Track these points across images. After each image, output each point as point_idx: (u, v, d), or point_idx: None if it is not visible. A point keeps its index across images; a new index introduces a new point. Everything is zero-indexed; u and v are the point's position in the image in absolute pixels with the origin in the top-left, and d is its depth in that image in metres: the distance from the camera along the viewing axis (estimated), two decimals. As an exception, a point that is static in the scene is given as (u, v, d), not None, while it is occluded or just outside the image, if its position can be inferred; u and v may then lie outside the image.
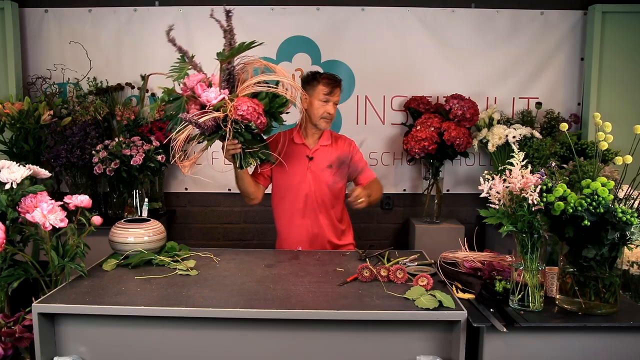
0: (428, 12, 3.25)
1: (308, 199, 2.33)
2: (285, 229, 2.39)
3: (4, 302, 1.60)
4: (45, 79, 3.25)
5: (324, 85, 2.27)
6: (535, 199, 1.43)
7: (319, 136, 2.39)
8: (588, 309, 1.47)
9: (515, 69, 3.29)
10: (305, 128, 2.38)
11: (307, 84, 2.33)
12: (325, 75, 2.32)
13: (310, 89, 2.30)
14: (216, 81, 1.97)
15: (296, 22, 3.25)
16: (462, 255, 1.93)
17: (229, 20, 1.96)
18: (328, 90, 2.27)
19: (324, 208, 2.36)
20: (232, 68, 1.98)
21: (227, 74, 1.97)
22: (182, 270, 1.79)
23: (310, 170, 2.34)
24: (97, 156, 2.88)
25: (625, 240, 1.44)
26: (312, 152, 2.36)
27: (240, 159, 2.05)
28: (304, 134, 2.39)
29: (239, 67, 2.03)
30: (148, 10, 3.25)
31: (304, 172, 2.34)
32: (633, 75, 3.21)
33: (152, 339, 1.51)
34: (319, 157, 2.36)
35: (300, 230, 2.35)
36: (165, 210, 3.30)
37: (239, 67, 2.02)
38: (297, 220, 2.35)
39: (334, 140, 2.42)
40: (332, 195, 2.37)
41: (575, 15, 3.25)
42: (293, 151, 2.35)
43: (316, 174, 2.34)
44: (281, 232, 2.42)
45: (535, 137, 2.98)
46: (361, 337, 1.48)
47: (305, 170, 2.34)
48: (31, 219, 1.55)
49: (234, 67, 1.99)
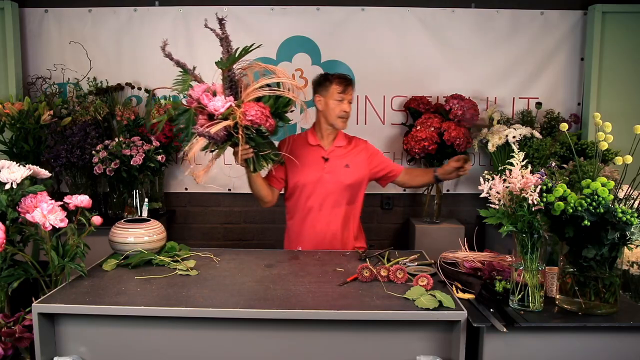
0: (428, 12, 3.25)
1: (323, 200, 2.34)
2: (298, 229, 2.39)
3: (4, 302, 1.60)
4: (45, 79, 3.25)
5: (337, 84, 2.31)
6: (535, 199, 1.43)
7: (334, 137, 2.40)
8: (588, 309, 1.47)
9: (515, 69, 3.29)
10: (321, 130, 2.40)
11: (319, 85, 2.36)
12: (337, 74, 2.36)
13: (324, 90, 2.33)
14: (220, 89, 1.98)
15: (296, 22, 3.25)
16: (462, 255, 1.93)
17: (223, 27, 1.98)
18: (341, 88, 2.31)
19: (339, 210, 2.35)
20: (233, 74, 1.99)
21: (228, 81, 1.98)
22: (182, 270, 1.79)
23: (326, 171, 2.34)
24: (97, 156, 2.88)
25: (625, 240, 1.44)
26: (328, 153, 2.38)
27: (253, 162, 2.07)
28: (319, 136, 2.40)
29: (239, 72, 2.03)
30: (148, 10, 3.25)
31: (320, 173, 2.34)
32: (633, 75, 3.21)
33: (152, 339, 1.51)
34: (334, 158, 2.37)
35: (314, 232, 2.34)
36: (165, 210, 3.30)
37: (238, 72, 2.03)
38: (311, 221, 2.35)
39: (349, 141, 2.44)
40: (348, 197, 2.36)
41: (575, 15, 3.25)
42: (308, 153, 2.36)
43: (332, 175, 2.34)
44: (293, 232, 2.41)
45: (535, 137, 2.98)
46: (361, 337, 1.48)
47: (321, 171, 2.34)
48: (31, 219, 1.55)
49: (235, 73, 1.99)
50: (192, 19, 3.24)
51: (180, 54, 3.22)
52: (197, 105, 1.97)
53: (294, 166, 2.31)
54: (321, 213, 2.35)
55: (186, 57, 3.23)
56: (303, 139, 2.42)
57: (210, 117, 1.93)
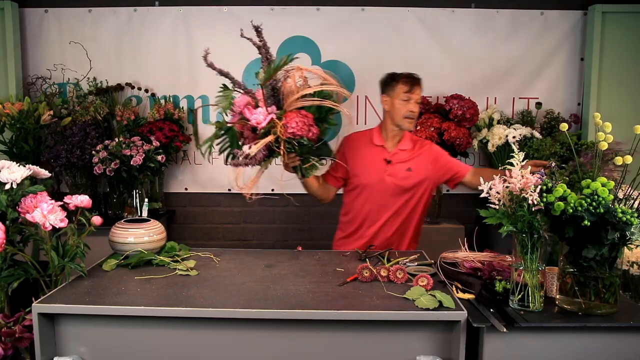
0: (428, 12, 3.25)
1: (381, 203, 2.29)
2: (353, 229, 2.35)
3: (4, 302, 1.60)
4: (45, 79, 3.25)
5: (403, 83, 2.26)
6: (535, 199, 1.43)
7: (399, 139, 2.34)
8: (588, 309, 1.47)
9: (515, 69, 3.29)
10: (386, 130, 2.34)
11: (386, 85, 2.32)
12: (404, 74, 2.30)
13: (390, 90, 2.29)
14: (261, 96, 1.97)
15: (296, 22, 3.26)
16: (462, 256, 1.93)
17: (260, 35, 1.96)
18: (407, 88, 2.25)
19: (396, 214, 2.30)
20: (275, 82, 1.97)
21: (270, 89, 1.97)
22: (182, 270, 1.79)
23: (387, 173, 2.29)
24: (97, 156, 2.88)
25: (625, 240, 1.44)
26: (391, 155, 2.31)
27: (300, 170, 2.08)
28: (384, 136, 2.34)
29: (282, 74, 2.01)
30: (148, 10, 3.25)
31: (381, 175, 2.29)
32: (633, 75, 3.21)
33: (152, 339, 1.51)
34: (397, 161, 2.30)
35: (370, 233, 2.31)
36: (165, 211, 3.31)
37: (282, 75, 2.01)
38: (368, 223, 2.31)
39: (413, 144, 2.36)
40: (407, 201, 2.30)
41: (575, 16, 3.25)
42: (371, 153, 2.32)
43: (393, 177, 2.28)
44: (346, 230, 2.38)
45: (535, 137, 2.98)
46: (361, 337, 1.48)
47: (382, 173, 2.29)
48: (31, 219, 1.55)
49: (276, 80, 1.97)
50: (192, 19, 3.25)
51: (180, 54, 3.29)
52: (240, 119, 1.98)
53: (355, 165, 2.28)
54: (377, 216, 2.29)
55: (186, 57, 3.29)
56: (367, 138, 2.36)
57: (254, 129, 1.95)
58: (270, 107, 1.95)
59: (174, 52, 3.30)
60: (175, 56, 3.30)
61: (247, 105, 1.95)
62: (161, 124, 3.11)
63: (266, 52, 1.95)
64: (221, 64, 1.92)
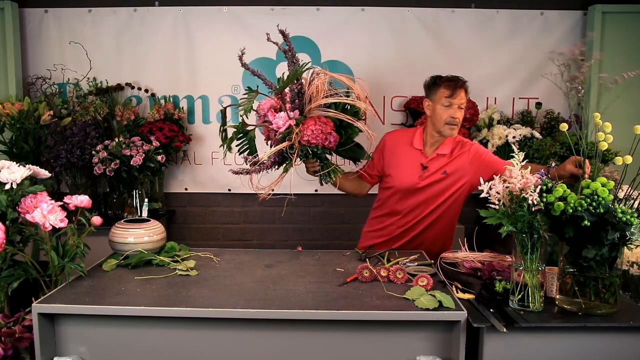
0: (428, 12, 3.25)
1: (413, 207, 2.25)
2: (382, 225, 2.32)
3: (4, 302, 1.60)
4: (45, 79, 3.25)
5: (445, 87, 2.15)
6: (535, 199, 1.43)
7: (438, 145, 2.24)
8: (588, 309, 1.47)
9: (515, 69, 3.29)
10: (427, 135, 2.26)
11: (428, 89, 2.24)
12: (447, 77, 2.19)
13: (432, 94, 2.21)
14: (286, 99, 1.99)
15: (296, 22, 3.25)
16: (462, 256, 1.93)
17: (287, 39, 1.96)
18: (449, 92, 2.14)
19: (430, 214, 2.25)
20: (300, 85, 1.96)
21: (295, 93, 1.98)
22: (182, 270, 1.79)
23: (422, 178, 2.22)
24: (97, 156, 2.88)
25: (625, 240, 1.44)
26: (428, 161, 2.23)
27: (320, 176, 2.11)
28: (424, 141, 2.26)
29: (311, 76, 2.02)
30: (148, 10, 3.25)
31: (415, 180, 2.23)
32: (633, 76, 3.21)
33: (152, 339, 1.51)
34: (433, 167, 2.23)
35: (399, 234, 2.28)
36: (165, 211, 3.30)
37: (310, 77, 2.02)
38: (397, 222, 2.28)
39: (453, 147, 2.25)
40: (440, 205, 2.24)
41: (575, 16, 3.25)
42: (408, 155, 2.26)
43: (427, 182, 2.22)
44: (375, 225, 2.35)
45: (535, 137, 2.98)
46: (361, 337, 1.48)
47: (417, 178, 2.22)
48: (31, 219, 1.55)
49: (302, 83, 1.97)
50: (192, 19, 3.25)
51: (180, 54, 3.29)
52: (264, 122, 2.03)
53: (390, 165, 2.24)
54: (407, 219, 2.26)
55: (186, 57, 3.29)
56: (409, 139, 2.28)
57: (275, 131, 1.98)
58: (294, 112, 1.96)
59: (174, 52, 3.30)
60: (175, 56, 3.30)
61: (271, 109, 1.98)
62: (161, 124, 3.11)
63: (292, 57, 1.95)
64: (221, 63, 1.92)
